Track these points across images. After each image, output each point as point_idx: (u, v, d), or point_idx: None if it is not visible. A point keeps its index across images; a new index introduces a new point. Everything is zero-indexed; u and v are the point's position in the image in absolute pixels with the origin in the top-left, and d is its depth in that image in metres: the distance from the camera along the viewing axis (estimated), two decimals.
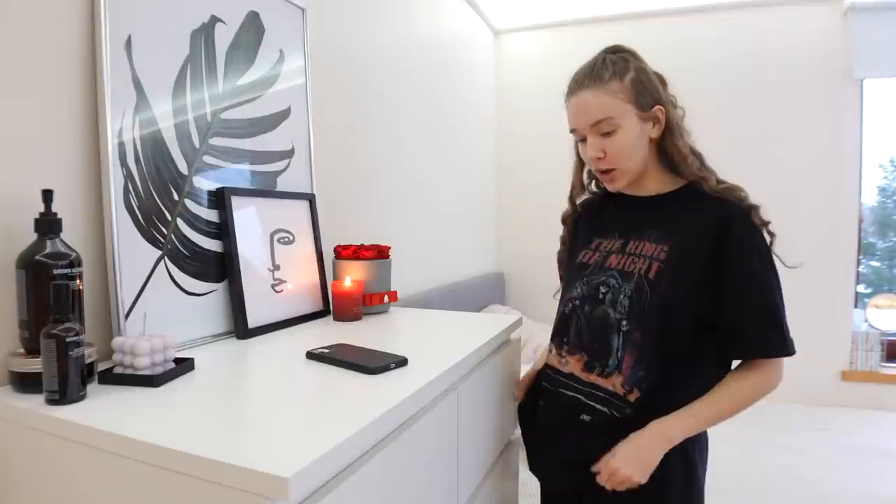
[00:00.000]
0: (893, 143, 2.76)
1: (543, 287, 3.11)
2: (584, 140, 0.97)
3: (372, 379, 0.78)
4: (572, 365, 0.97)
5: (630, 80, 0.92)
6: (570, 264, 1.07)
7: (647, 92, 0.93)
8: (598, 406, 0.92)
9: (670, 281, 0.90)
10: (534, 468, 1.05)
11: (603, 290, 0.96)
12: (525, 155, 3.14)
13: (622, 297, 0.93)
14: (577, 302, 0.99)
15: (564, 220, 1.15)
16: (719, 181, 0.95)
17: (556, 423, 0.99)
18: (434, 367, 0.82)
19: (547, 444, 1.01)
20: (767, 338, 0.89)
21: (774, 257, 0.91)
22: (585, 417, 0.93)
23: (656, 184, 0.99)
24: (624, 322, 0.92)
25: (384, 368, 0.80)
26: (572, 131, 0.98)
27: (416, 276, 2.05)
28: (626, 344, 0.91)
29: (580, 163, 1.08)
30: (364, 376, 0.79)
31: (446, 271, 2.40)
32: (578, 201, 1.12)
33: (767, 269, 0.90)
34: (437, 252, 2.33)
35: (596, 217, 1.08)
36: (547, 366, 1.04)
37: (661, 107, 0.94)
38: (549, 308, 1.06)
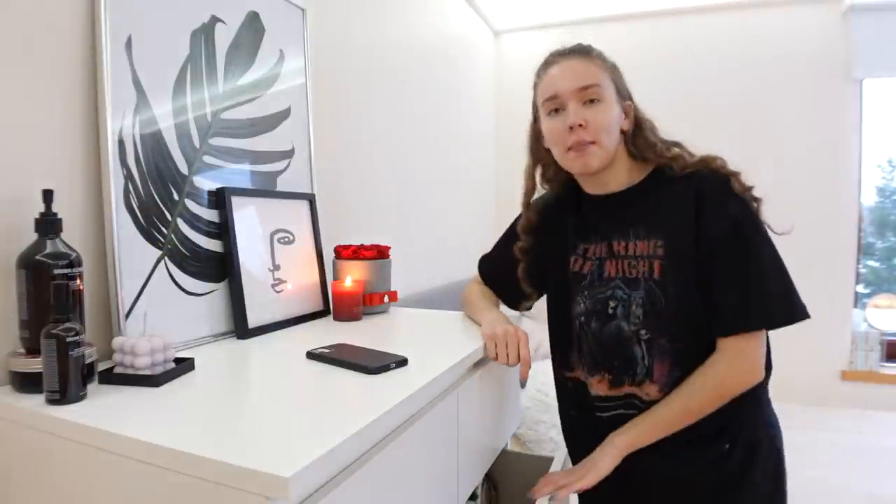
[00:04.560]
0: None
1: None
2: (557, 111, 0.91)
3: (372, 379, 0.78)
4: (595, 386, 0.94)
5: (611, 65, 0.93)
6: (553, 275, 1.01)
7: (623, 84, 0.94)
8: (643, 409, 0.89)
9: (676, 277, 0.85)
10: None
11: (612, 304, 0.91)
12: (525, 154, 3.13)
13: (634, 307, 0.88)
14: (583, 318, 0.94)
15: (526, 230, 1.05)
16: (692, 156, 0.90)
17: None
18: (434, 367, 0.82)
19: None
20: (743, 307, 0.81)
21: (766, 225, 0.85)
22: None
23: (626, 175, 0.93)
24: (643, 332, 0.88)
25: (384, 368, 0.80)
26: (549, 99, 0.91)
27: (416, 276, 2.05)
28: (653, 352, 0.88)
29: (535, 162, 1.05)
30: (364, 376, 0.79)
31: (446, 271, 2.40)
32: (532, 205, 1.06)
33: (751, 236, 0.83)
34: (437, 252, 2.33)
35: (567, 220, 1.00)
36: (566, 389, 1.00)
37: (630, 103, 0.93)
38: None
